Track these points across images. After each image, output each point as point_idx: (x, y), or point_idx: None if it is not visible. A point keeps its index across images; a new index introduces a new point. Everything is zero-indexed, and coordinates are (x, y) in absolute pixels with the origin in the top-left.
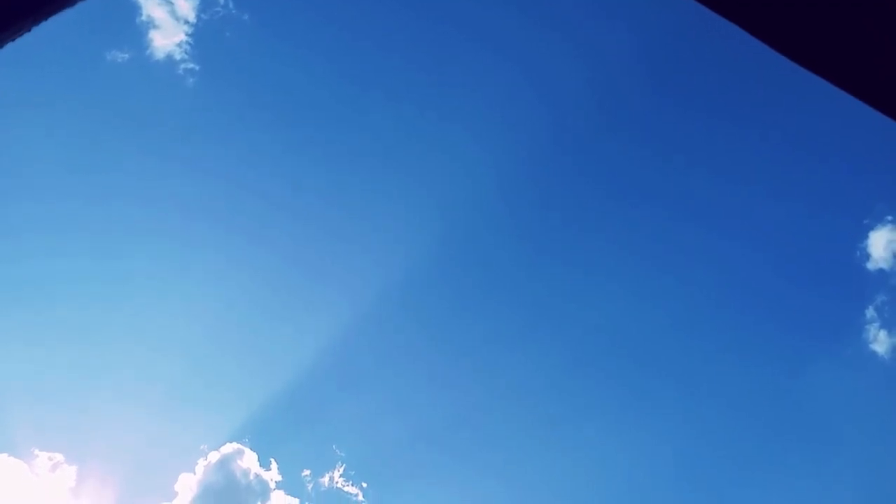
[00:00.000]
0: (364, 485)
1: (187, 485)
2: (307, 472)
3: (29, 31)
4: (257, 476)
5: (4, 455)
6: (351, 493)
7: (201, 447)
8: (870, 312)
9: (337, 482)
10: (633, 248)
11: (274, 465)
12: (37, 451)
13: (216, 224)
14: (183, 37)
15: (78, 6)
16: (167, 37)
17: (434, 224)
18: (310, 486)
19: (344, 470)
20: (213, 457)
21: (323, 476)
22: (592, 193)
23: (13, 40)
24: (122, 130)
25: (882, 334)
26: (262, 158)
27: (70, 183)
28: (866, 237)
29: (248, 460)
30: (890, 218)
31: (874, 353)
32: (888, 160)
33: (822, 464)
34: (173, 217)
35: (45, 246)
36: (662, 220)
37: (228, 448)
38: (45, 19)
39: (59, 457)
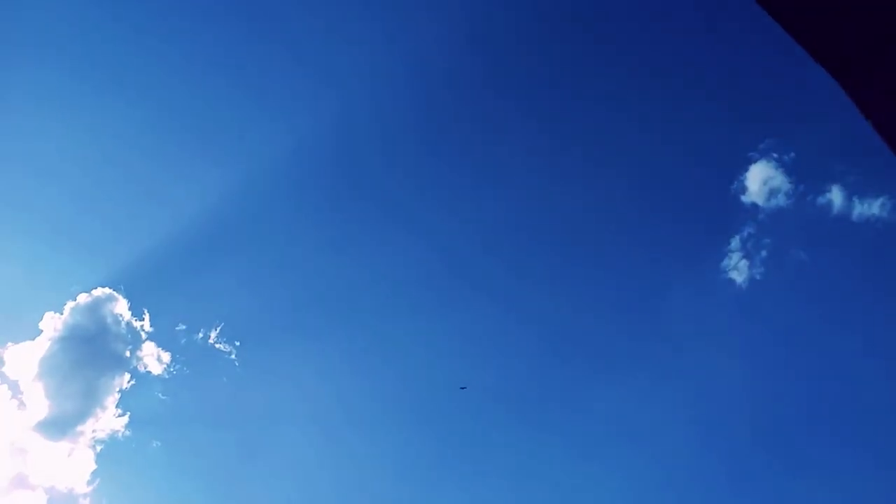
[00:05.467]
0: (237, 343)
1: (52, 325)
2: (182, 326)
3: None
4: (129, 324)
5: None
6: (224, 352)
7: (71, 288)
8: (735, 242)
9: (211, 339)
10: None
11: (147, 316)
12: None
13: (103, 68)
14: None
15: None
16: None
17: (330, 90)
18: (183, 341)
19: (221, 329)
20: (83, 299)
21: (198, 332)
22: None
23: None
24: None
25: (743, 264)
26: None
27: None
28: (746, 170)
29: (121, 307)
30: (775, 155)
31: (731, 281)
32: (786, 100)
33: (665, 377)
34: (59, 63)
35: None
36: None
37: (100, 292)
38: None
39: None
